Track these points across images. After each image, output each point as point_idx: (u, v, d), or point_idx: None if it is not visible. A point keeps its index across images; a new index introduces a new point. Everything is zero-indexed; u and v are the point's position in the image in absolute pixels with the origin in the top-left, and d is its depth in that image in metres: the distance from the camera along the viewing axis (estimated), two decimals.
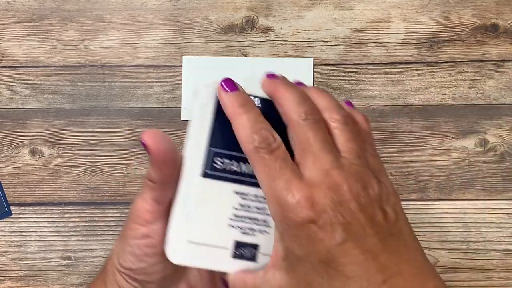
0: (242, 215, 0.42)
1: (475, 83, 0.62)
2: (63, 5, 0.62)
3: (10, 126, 0.61)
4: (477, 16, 0.62)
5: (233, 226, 0.42)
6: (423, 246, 0.64)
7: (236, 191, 0.42)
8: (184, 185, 0.41)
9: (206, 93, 0.41)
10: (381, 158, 0.40)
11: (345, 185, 0.35)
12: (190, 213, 0.42)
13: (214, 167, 0.42)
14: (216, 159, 0.42)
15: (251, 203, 0.42)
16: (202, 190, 0.42)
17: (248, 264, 0.42)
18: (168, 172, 0.40)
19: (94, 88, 0.61)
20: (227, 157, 0.42)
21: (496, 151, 0.61)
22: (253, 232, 0.43)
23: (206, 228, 0.42)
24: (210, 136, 0.42)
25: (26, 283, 0.60)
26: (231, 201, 0.42)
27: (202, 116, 0.41)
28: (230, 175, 0.42)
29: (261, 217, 0.42)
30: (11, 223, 0.61)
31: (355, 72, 0.62)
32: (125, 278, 0.44)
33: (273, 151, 0.37)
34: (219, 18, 0.62)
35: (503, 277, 0.60)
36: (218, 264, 0.42)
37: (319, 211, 0.35)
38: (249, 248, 0.42)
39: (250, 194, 0.42)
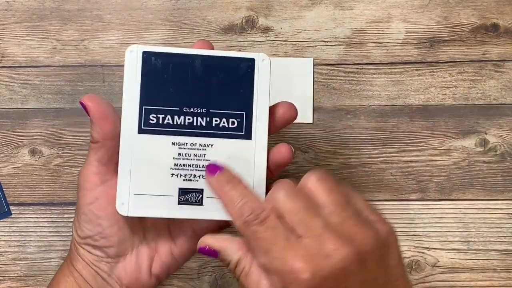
0: (183, 163, 0.46)
1: (475, 83, 0.62)
2: (63, 5, 0.62)
3: (9, 126, 0.61)
4: (478, 16, 0.62)
5: (175, 174, 0.45)
6: (423, 246, 0.64)
7: (173, 142, 0.45)
8: (124, 143, 0.45)
9: (131, 58, 0.46)
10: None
11: (337, 249, 0.37)
12: (132, 167, 0.45)
13: (148, 122, 0.45)
14: (149, 115, 0.45)
15: (190, 151, 0.46)
16: (140, 145, 0.45)
17: (195, 208, 0.45)
18: (109, 128, 0.44)
19: (94, 88, 0.61)
20: (159, 112, 0.46)
21: (497, 151, 0.61)
22: (196, 178, 0.46)
23: (150, 180, 0.45)
24: (141, 95, 0.45)
25: (26, 283, 0.60)
26: (170, 152, 0.45)
27: (131, 79, 0.46)
28: (165, 128, 0.45)
29: (201, 163, 0.46)
30: (11, 223, 0.61)
31: (355, 72, 0.62)
32: (86, 249, 0.46)
33: (263, 222, 0.39)
34: (219, 18, 0.62)
35: (503, 277, 0.60)
36: (166, 212, 0.45)
37: (319, 279, 0.37)
38: (194, 193, 0.46)
39: (187, 143, 0.46)
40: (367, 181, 0.61)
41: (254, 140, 0.46)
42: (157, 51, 0.46)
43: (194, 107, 0.46)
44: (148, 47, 0.46)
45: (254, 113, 0.46)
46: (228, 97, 0.46)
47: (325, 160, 0.61)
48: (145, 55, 0.46)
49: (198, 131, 0.46)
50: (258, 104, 0.46)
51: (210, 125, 0.46)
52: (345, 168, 0.61)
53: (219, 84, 0.46)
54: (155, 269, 0.47)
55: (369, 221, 0.40)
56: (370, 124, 0.61)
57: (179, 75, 0.46)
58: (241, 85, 0.46)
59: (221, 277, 0.60)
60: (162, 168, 0.46)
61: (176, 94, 0.46)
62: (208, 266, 0.60)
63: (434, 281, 0.60)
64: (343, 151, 0.61)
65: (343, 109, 0.61)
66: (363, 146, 0.61)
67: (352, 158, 0.61)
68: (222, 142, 0.46)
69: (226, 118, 0.46)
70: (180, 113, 0.46)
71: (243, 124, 0.46)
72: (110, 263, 0.46)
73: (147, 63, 0.46)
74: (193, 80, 0.46)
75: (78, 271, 0.46)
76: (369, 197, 0.61)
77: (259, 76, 0.46)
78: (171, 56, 0.46)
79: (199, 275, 0.60)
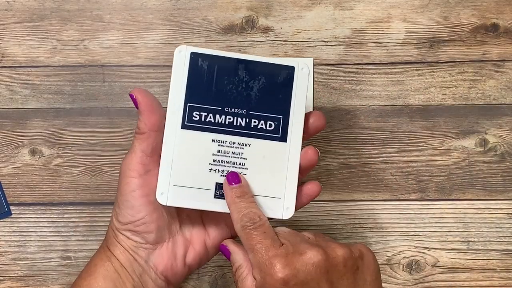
0: (221, 159, 0.49)
1: (475, 83, 0.62)
2: (63, 5, 0.62)
3: (10, 126, 0.61)
4: (477, 16, 0.62)
5: (213, 170, 0.49)
6: (423, 246, 0.64)
7: (213, 139, 0.49)
8: (168, 137, 0.48)
9: (180, 57, 0.49)
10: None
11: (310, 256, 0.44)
12: (174, 160, 0.48)
13: (191, 119, 0.48)
14: (192, 112, 0.49)
15: (228, 149, 0.49)
16: (183, 140, 0.48)
17: None
18: (155, 120, 0.47)
19: (94, 88, 0.61)
20: (202, 110, 0.49)
21: (496, 151, 0.61)
22: None
23: (189, 173, 0.48)
24: (186, 93, 0.49)
25: (26, 283, 0.60)
26: (209, 148, 0.48)
27: (178, 77, 0.49)
28: (207, 125, 0.49)
29: (238, 161, 0.49)
30: (11, 223, 0.61)
31: (355, 72, 0.62)
32: (126, 235, 0.49)
33: (257, 228, 0.45)
34: (219, 18, 0.62)
35: (503, 277, 0.60)
36: (203, 204, 0.48)
37: (291, 276, 0.43)
38: None
39: (227, 141, 0.49)
40: (367, 181, 0.61)
41: (289, 143, 0.49)
42: (204, 53, 0.49)
43: (235, 108, 0.49)
44: (196, 49, 0.49)
45: (290, 117, 0.49)
46: (267, 101, 0.49)
47: (325, 160, 0.61)
48: (192, 55, 0.49)
49: (237, 131, 0.49)
50: (295, 110, 0.49)
51: (249, 126, 0.49)
52: (345, 168, 0.61)
53: (260, 88, 0.49)
54: (189, 258, 0.50)
55: (349, 244, 0.46)
56: (370, 124, 0.61)
57: (223, 76, 0.49)
58: (280, 90, 0.49)
59: (221, 277, 0.60)
60: (202, 163, 0.48)
61: (219, 94, 0.49)
62: (208, 266, 0.60)
63: (434, 281, 0.60)
64: (343, 151, 0.61)
65: (343, 109, 0.61)
66: (363, 146, 0.61)
67: (352, 158, 0.61)
68: (259, 142, 0.49)
69: (264, 121, 0.49)
70: (222, 113, 0.49)
71: (280, 127, 0.49)
72: (148, 250, 0.48)
73: (194, 63, 0.49)
74: (236, 83, 0.49)
75: (115, 256, 0.48)
76: (369, 197, 0.61)
77: (297, 83, 0.49)
78: (217, 58, 0.49)
79: (199, 275, 0.60)
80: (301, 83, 0.49)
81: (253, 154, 0.49)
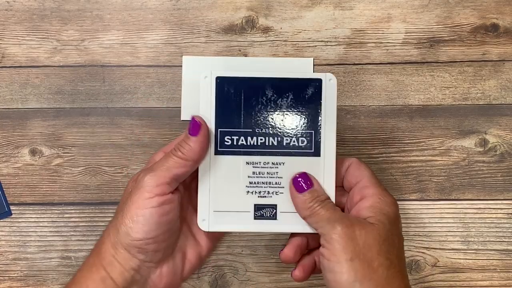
0: (257, 181, 0.50)
1: (475, 83, 0.62)
2: (63, 5, 0.62)
3: (10, 126, 0.61)
4: (477, 16, 0.62)
5: (250, 192, 0.50)
6: (423, 246, 0.64)
7: (247, 161, 0.49)
8: (202, 164, 0.49)
9: (206, 83, 0.49)
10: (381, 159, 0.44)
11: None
12: (211, 187, 0.49)
13: (223, 144, 0.49)
14: (224, 137, 0.49)
15: (263, 170, 0.50)
16: (217, 165, 0.49)
17: (270, 222, 0.50)
18: (204, 154, 0.48)
19: (94, 88, 0.61)
20: (234, 134, 0.49)
21: (496, 151, 0.61)
22: (269, 194, 0.50)
23: (227, 198, 0.49)
24: (216, 119, 0.49)
25: (26, 283, 0.60)
26: (244, 171, 0.49)
27: (207, 103, 0.49)
28: (239, 148, 0.49)
29: (274, 181, 0.50)
30: (11, 223, 0.61)
31: (355, 72, 0.62)
32: (131, 252, 0.47)
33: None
34: (219, 18, 0.62)
35: (503, 277, 0.60)
36: (244, 227, 0.50)
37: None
38: (269, 208, 0.50)
39: (260, 162, 0.49)
40: None
41: (323, 157, 0.50)
42: (229, 76, 0.50)
43: (265, 128, 0.49)
44: (221, 72, 0.49)
45: (322, 131, 0.50)
46: (297, 117, 0.50)
47: None
48: (218, 80, 0.49)
49: (270, 150, 0.50)
50: (326, 122, 0.50)
51: (281, 144, 0.50)
52: None
53: (289, 105, 0.50)
54: (186, 272, 0.50)
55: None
56: (370, 124, 0.61)
57: (251, 98, 0.49)
58: (309, 105, 0.50)
59: (221, 277, 0.60)
60: (238, 186, 0.50)
61: (248, 116, 0.49)
62: (208, 266, 0.60)
63: (434, 281, 0.60)
64: (343, 151, 0.61)
65: (343, 109, 0.61)
66: (363, 146, 0.61)
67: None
68: (293, 160, 0.50)
69: (296, 137, 0.50)
70: (253, 134, 0.50)
71: (312, 142, 0.50)
72: (150, 268, 0.48)
73: (221, 88, 0.49)
74: (264, 102, 0.50)
75: (113, 278, 0.46)
76: None
77: (326, 95, 0.50)
78: (242, 80, 0.50)
79: (199, 275, 0.60)
80: (329, 95, 0.50)
81: (288, 172, 0.49)
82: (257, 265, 0.60)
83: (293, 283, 0.60)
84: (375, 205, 0.48)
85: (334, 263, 0.45)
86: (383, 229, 0.46)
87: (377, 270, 0.45)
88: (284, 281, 0.60)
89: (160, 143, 0.61)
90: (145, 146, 0.61)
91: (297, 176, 0.49)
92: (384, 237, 0.46)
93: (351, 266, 0.45)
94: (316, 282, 0.60)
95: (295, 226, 0.49)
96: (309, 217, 0.48)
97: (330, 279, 0.46)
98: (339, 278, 0.45)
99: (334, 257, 0.45)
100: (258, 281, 0.60)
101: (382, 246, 0.46)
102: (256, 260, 0.60)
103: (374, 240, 0.46)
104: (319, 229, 0.47)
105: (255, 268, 0.60)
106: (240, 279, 0.60)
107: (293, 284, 0.60)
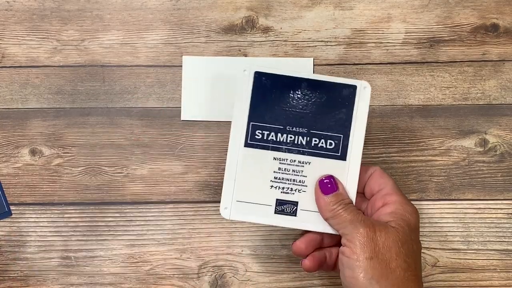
0: (282, 177, 0.50)
1: (475, 83, 0.62)
2: (63, 5, 0.62)
3: (10, 126, 0.61)
4: (477, 16, 0.62)
5: (274, 186, 0.51)
6: (423, 246, 0.64)
7: (274, 157, 0.50)
8: (231, 154, 0.50)
9: (245, 77, 0.50)
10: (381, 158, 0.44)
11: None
12: (237, 176, 0.50)
13: (254, 137, 0.50)
14: (255, 130, 0.50)
15: (289, 167, 0.50)
16: (246, 158, 0.50)
17: (289, 218, 0.51)
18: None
19: (94, 88, 0.61)
20: (265, 129, 0.50)
21: (496, 151, 0.61)
22: (292, 191, 0.51)
23: (251, 189, 0.50)
24: (250, 112, 0.50)
25: (26, 283, 0.60)
26: (271, 166, 0.50)
27: (243, 96, 0.50)
28: (268, 143, 0.50)
29: (298, 179, 0.50)
30: (11, 223, 0.61)
31: (355, 72, 0.62)
32: None
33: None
34: (219, 18, 0.62)
35: (503, 277, 0.60)
36: (264, 219, 0.50)
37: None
38: (290, 205, 0.51)
39: (287, 159, 0.50)
40: None
41: (349, 161, 0.51)
42: (267, 72, 0.51)
43: (296, 127, 0.50)
44: (260, 68, 0.50)
45: (351, 136, 0.51)
46: (328, 120, 0.51)
47: None
48: (256, 75, 0.50)
49: (298, 149, 0.51)
50: (355, 129, 0.51)
51: (309, 144, 0.50)
52: None
53: (321, 106, 0.51)
54: None
55: None
56: (370, 124, 0.61)
57: (285, 95, 0.50)
58: (342, 109, 0.51)
59: (221, 277, 0.60)
60: (263, 180, 0.51)
61: (281, 113, 0.50)
62: (208, 266, 0.60)
63: (434, 281, 0.60)
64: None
65: None
66: (363, 146, 0.61)
67: None
68: (319, 161, 0.51)
69: (324, 139, 0.51)
70: (284, 131, 0.51)
71: (340, 146, 0.51)
72: None
73: (258, 82, 0.50)
74: (298, 101, 0.51)
75: None
76: None
77: (359, 102, 0.51)
78: (280, 77, 0.51)
79: (199, 275, 0.60)
80: (362, 102, 0.51)
81: (313, 172, 0.50)
82: (257, 265, 0.60)
83: (293, 283, 0.60)
84: (397, 211, 0.49)
85: (353, 261, 0.47)
86: (403, 233, 0.48)
87: (394, 270, 0.47)
88: (284, 281, 0.60)
89: (160, 143, 0.61)
90: (145, 146, 0.61)
91: (324, 178, 0.50)
92: (403, 240, 0.48)
93: (369, 264, 0.46)
94: (316, 282, 0.60)
95: (314, 225, 0.50)
96: (332, 218, 0.49)
97: (347, 275, 0.48)
98: (357, 275, 0.47)
99: (354, 255, 0.47)
100: (258, 281, 0.60)
101: (401, 249, 0.48)
102: (256, 260, 0.60)
103: (393, 242, 0.47)
104: (341, 230, 0.49)
105: (255, 268, 0.60)
106: (240, 279, 0.60)
107: (293, 284, 0.60)
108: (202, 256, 0.60)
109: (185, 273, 0.60)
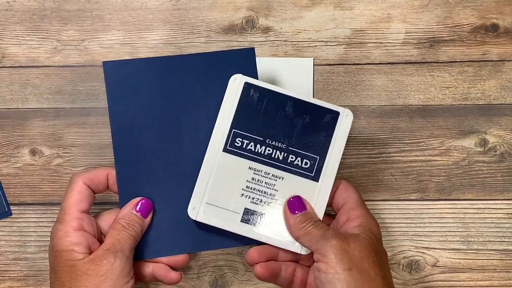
0: (254, 187, 0.51)
1: (475, 83, 0.62)
2: (63, 5, 0.62)
3: (10, 126, 0.61)
4: (477, 16, 0.62)
5: (245, 195, 0.51)
6: (423, 246, 0.64)
7: (250, 166, 0.51)
8: (209, 157, 0.51)
9: (234, 85, 0.52)
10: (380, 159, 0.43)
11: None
12: (210, 179, 0.51)
13: (234, 144, 0.51)
14: (236, 138, 0.51)
15: (262, 178, 0.51)
16: (222, 163, 0.51)
17: (253, 229, 0.51)
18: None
19: (94, 88, 0.61)
20: (245, 138, 0.51)
21: (496, 151, 0.61)
22: (262, 202, 0.51)
23: (222, 194, 0.51)
24: (234, 119, 0.51)
25: (26, 283, 0.60)
26: (245, 175, 0.51)
27: (229, 103, 0.51)
28: (247, 153, 0.51)
29: (269, 191, 0.51)
30: (11, 223, 0.61)
31: (355, 72, 0.62)
32: None
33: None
34: (219, 18, 0.62)
35: (503, 277, 0.60)
36: (229, 226, 0.51)
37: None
38: (256, 215, 0.51)
39: (262, 171, 0.51)
40: (367, 181, 0.61)
41: (321, 183, 0.52)
42: (256, 84, 0.52)
43: (276, 141, 0.52)
44: (250, 79, 0.52)
45: (327, 160, 0.52)
46: (308, 140, 0.52)
47: None
48: (246, 85, 0.52)
49: (274, 163, 0.52)
50: (332, 153, 0.52)
51: (286, 160, 0.52)
52: (345, 168, 0.61)
53: (303, 126, 0.52)
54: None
55: None
56: (370, 124, 0.61)
57: (270, 110, 0.52)
58: (322, 132, 0.52)
59: (221, 277, 0.60)
60: (236, 187, 0.51)
61: (263, 126, 0.52)
62: (208, 266, 0.60)
63: (434, 281, 0.60)
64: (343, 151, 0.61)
65: None
66: (363, 146, 0.61)
67: (352, 158, 0.61)
68: (292, 178, 0.52)
69: (301, 158, 0.52)
70: (263, 143, 0.52)
71: (315, 167, 0.52)
72: None
73: (246, 93, 0.52)
74: (282, 118, 0.52)
75: None
76: (369, 197, 0.61)
77: (339, 128, 0.52)
78: (268, 92, 0.52)
79: (199, 275, 0.61)
80: (342, 129, 0.52)
81: (285, 188, 0.51)
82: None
83: None
84: (363, 224, 0.50)
85: (332, 275, 0.47)
86: (373, 243, 0.49)
87: (374, 279, 0.47)
88: None
89: None
90: None
91: (292, 198, 0.51)
92: (376, 250, 0.49)
93: (350, 275, 0.46)
94: None
95: (275, 239, 0.51)
96: (302, 236, 0.50)
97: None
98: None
99: (331, 269, 0.47)
100: (258, 281, 0.60)
101: (375, 258, 0.48)
102: None
103: (368, 251, 0.48)
104: (313, 246, 0.49)
105: None
106: (240, 279, 0.60)
107: None
108: (202, 256, 0.60)
109: (185, 273, 0.60)
